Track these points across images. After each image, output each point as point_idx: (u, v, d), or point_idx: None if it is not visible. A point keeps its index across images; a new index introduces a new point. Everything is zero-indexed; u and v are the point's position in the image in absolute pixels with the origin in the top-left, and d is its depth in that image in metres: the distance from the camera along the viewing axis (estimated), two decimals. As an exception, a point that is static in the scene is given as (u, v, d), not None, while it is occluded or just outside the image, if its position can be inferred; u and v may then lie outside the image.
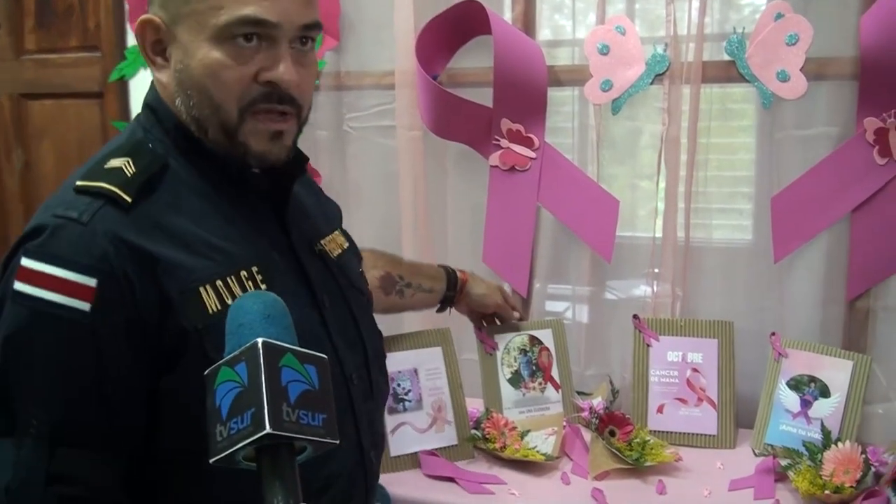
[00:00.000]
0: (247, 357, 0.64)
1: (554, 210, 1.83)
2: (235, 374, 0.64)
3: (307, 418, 0.63)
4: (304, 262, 0.97)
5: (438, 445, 1.57)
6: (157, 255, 0.83)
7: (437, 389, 1.61)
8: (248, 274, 0.87)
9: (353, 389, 0.98)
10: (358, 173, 1.95)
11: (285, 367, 0.64)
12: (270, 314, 0.68)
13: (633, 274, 1.84)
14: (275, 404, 0.62)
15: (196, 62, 0.87)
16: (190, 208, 0.88)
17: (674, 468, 1.53)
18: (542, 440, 1.62)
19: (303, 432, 0.63)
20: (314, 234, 1.02)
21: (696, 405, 1.67)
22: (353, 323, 1.02)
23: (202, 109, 0.89)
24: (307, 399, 0.64)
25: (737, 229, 1.81)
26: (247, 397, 0.63)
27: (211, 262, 0.86)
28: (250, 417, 0.62)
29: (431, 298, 1.57)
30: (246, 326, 0.67)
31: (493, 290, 1.66)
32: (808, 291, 1.71)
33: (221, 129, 0.89)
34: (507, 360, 1.72)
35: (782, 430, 1.60)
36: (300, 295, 0.93)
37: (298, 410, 0.63)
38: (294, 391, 0.64)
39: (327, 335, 0.96)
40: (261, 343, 0.64)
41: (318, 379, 0.66)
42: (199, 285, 0.84)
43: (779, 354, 1.63)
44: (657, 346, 1.70)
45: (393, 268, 1.49)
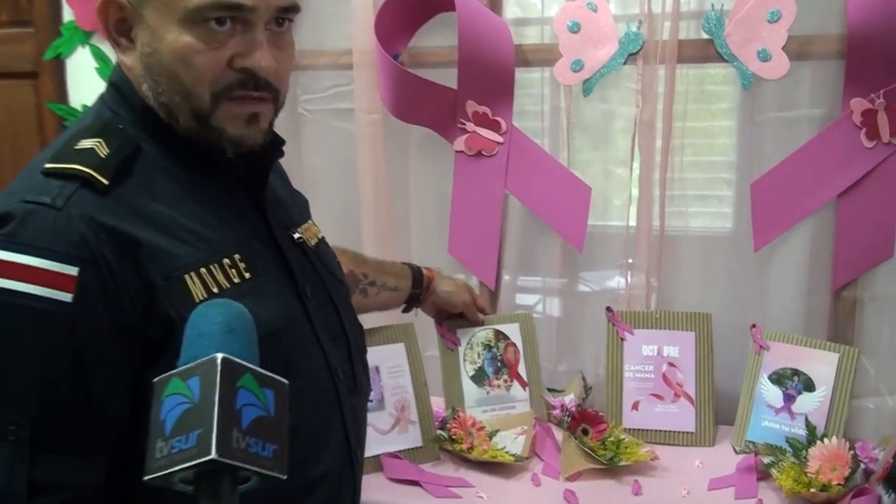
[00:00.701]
0: (202, 372, 0.63)
1: (523, 197, 1.82)
2: (187, 388, 0.63)
3: (257, 447, 0.62)
4: (285, 249, 0.96)
5: (402, 447, 1.57)
6: (138, 238, 0.82)
7: (400, 388, 1.61)
8: (230, 262, 0.87)
9: (339, 384, 0.98)
10: (313, 160, 1.93)
11: (242, 389, 0.63)
12: (235, 328, 0.67)
13: (606, 265, 1.84)
14: (225, 428, 0.61)
15: (165, 46, 0.86)
16: (166, 193, 0.88)
17: (650, 468, 1.54)
18: (512, 440, 1.62)
19: (250, 462, 0.62)
20: (290, 222, 1.02)
21: (672, 401, 1.67)
22: (336, 314, 1.02)
23: (172, 96, 0.88)
24: (260, 426, 0.63)
25: (716, 217, 1.81)
26: (195, 416, 0.61)
27: (193, 249, 0.85)
28: (196, 439, 0.60)
29: (397, 297, 1.57)
30: (206, 337, 0.66)
31: (460, 288, 1.66)
32: (790, 281, 1.71)
33: (193, 116, 0.88)
34: (470, 356, 1.72)
35: (764, 427, 1.60)
36: (283, 284, 0.93)
37: (249, 438, 0.62)
38: (248, 416, 0.63)
39: (311, 327, 0.96)
40: (220, 359, 0.63)
41: (274, 405, 0.65)
42: (184, 272, 0.84)
43: (760, 347, 1.64)
44: (632, 340, 1.70)
45: (356, 265, 1.48)
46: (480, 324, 1.72)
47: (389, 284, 1.54)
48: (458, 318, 1.71)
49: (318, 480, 0.96)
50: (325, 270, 1.05)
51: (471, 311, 1.69)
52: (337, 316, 1.03)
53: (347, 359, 1.03)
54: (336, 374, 0.99)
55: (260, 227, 0.95)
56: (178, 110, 0.88)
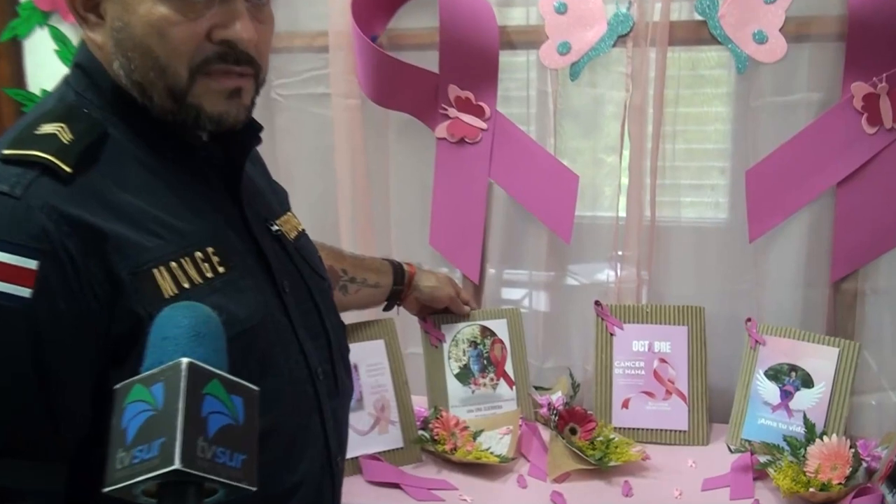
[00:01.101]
0: (167, 378, 0.62)
1: (507, 186, 1.81)
2: (150, 395, 0.62)
3: (224, 457, 0.62)
4: (261, 242, 0.95)
5: (382, 449, 1.57)
6: (103, 230, 0.80)
7: (380, 387, 1.60)
8: (203, 255, 0.86)
9: (319, 386, 0.97)
10: (287, 147, 1.91)
11: (209, 396, 0.63)
12: (202, 332, 0.66)
13: (595, 257, 1.83)
14: (190, 437, 0.60)
15: (138, 19, 0.84)
16: (135, 181, 0.86)
17: (641, 468, 1.54)
18: (496, 440, 1.61)
19: (217, 473, 0.61)
20: (268, 214, 1.01)
21: (664, 399, 1.67)
22: (316, 311, 1.01)
23: (146, 73, 0.85)
24: (228, 435, 0.63)
25: (709, 207, 1.80)
26: (159, 424, 0.61)
27: (163, 242, 0.84)
28: (159, 448, 0.60)
29: (378, 294, 1.56)
30: (171, 341, 0.65)
31: (443, 282, 1.65)
32: (788, 273, 1.71)
33: (169, 94, 0.86)
34: (455, 353, 1.72)
35: (760, 425, 1.60)
36: (259, 279, 0.92)
37: (216, 447, 0.61)
38: (214, 424, 0.62)
39: (289, 324, 0.94)
40: (185, 364, 0.62)
41: (243, 413, 0.65)
42: (152, 266, 0.82)
43: (755, 342, 1.63)
44: (621, 335, 1.70)
45: (335, 261, 1.46)
46: (466, 316, 1.71)
47: (370, 281, 1.53)
48: (442, 312, 1.70)
49: (295, 489, 0.95)
50: (305, 265, 1.04)
51: (456, 304, 1.68)
52: (317, 313, 1.02)
53: (328, 359, 1.02)
54: (316, 375, 0.98)
55: (235, 219, 0.94)
56: (153, 88, 0.86)
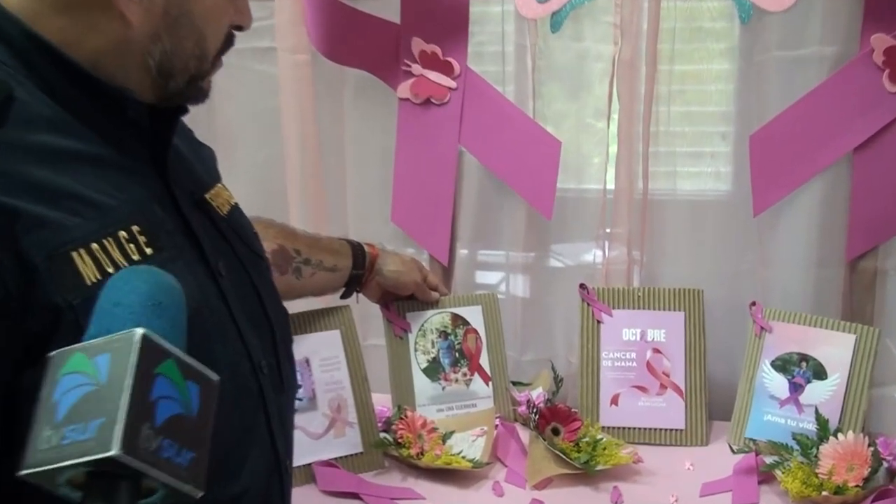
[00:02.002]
0: (115, 348, 0.61)
1: (480, 154, 1.80)
2: (92, 367, 0.60)
3: (171, 451, 0.60)
4: (190, 220, 0.94)
5: (338, 454, 1.56)
6: (13, 208, 0.76)
7: (336, 384, 1.60)
8: (128, 235, 0.83)
9: (263, 381, 0.96)
10: (227, 110, 1.87)
11: (161, 378, 0.61)
12: (162, 302, 0.65)
13: (580, 235, 1.83)
14: (134, 422, 0.58)
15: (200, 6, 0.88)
16: (47, 150, 0.83)
17: (632, 472, 1.54)
18: (469, 443, 1.60)
19: (160, 468, 0.59)
20: (197, 186, 1.00)
21: (658, 394, 1.67)
22: (256, 296, 1.01)
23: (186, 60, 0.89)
24: (178, 426, 0.61)
25: (709, 178, 1.79)
26: (99, 401, 0.59)
27: (81, 220, 0.81)
28: (96, 429, 0.58)
29: (335, 279, 1.57)
30: (125, 308, 0.64)
31: (409, 266, 1.67)
32: (797, 250, 1.71)
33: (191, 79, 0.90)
34: (423, 345, 1.71)
35: (767, 422, 1.61)
36: (192, 261, 0.91)
37: (162, 438, 0.60)
38: (164, 411, 0.61)
39: (228, 312, 0.93)
40: (140, 335, 0.61)
41: (198, 403, 0.63)
42: (71, 249, 0.79)
43: (761, 328, 1.63)
44: (610, 323, 1.70)
45: (286, 240, 1.47)
46: (434, 304, 1.72)
47: (326, 263, 1.53)
48: (407, 299, 1.71)
49: (240, 497, 0.93)
50: (240, 243, 1.02)
51: (422, 290, 1.70)
52: (257, 298, 1.01)
53: (272, 350, 1.01)
54: (259, 369, 0.96)
55: (161, 194, 0.92)
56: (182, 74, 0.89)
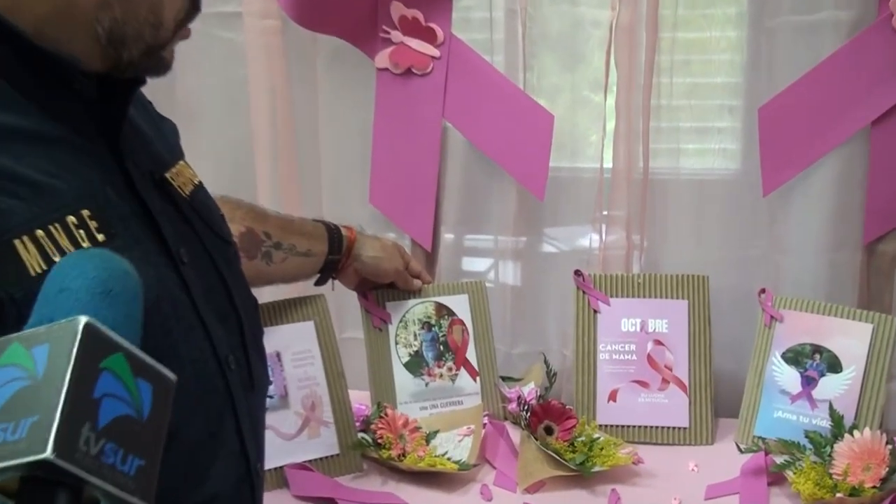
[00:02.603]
0: (55, 338, 0.59)
1: (466, 130, 1.80)
2: (29, 359, 0.58)
3: (115, 457, 0.58)
4: (149, 202, 0.92)
5: (313, 456, 1.56)
6: None
7: (310, 380, 1.58)
8: (77, 220, 0.82)
9: (231, 378, 0.95)
10: (189, 81, 1.86)
11: (107, 373, 0.59)
12: (113, 290, 0.63)
13: (575, 218, 1.83)
14: (72, 421, 0.56)
15: None
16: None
17: (632, 473, 1.54)
18: (455, 444, 1.60)
19: (101, 476, 0.57)
20: (156, 165, 0.98)
21: (660, 389, 1.67)
22: (222, 285, 1.00)
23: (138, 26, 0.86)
24: (124, 430, 0.59)
25: (716, 155, 1.79)
26: (33, 398, 0.57)
27: (24, 204, 0.80)
28: (28, 429, 0.56)
29: (309, 265, 1.57)
30: (71, 294, 0.62)
31: (390, 251, 1.66)
32: (810, 233, 1.70)
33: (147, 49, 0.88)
34: (405, 337, 1.70)
35: (777, 418, 1.61)
36: (149, 247, 0.89)
37: (105, 442, 0.57)
38: (108, 411, 0.58)
39: (191, 303, 0.92)
40: (83, 324, 0.58)
41: (149, 405, 0.61)
42: (13, 236, 0.78)
43: (771, 318, 1.63)
44: (608, 312, 1.69)
45: (255, 222, 1.46)
46: (417, 292, 1.71)
47: (300, 247, 1.53)
48: (386, 288, 1.71)
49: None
50: (205, 227, 1.01)
51: (404, 278, 1.69)
52: (223, 287, 0.99)
53: (240, 344, 0.99)
54: (226, 365, 0.95)
55: (114, 175, 0.90)
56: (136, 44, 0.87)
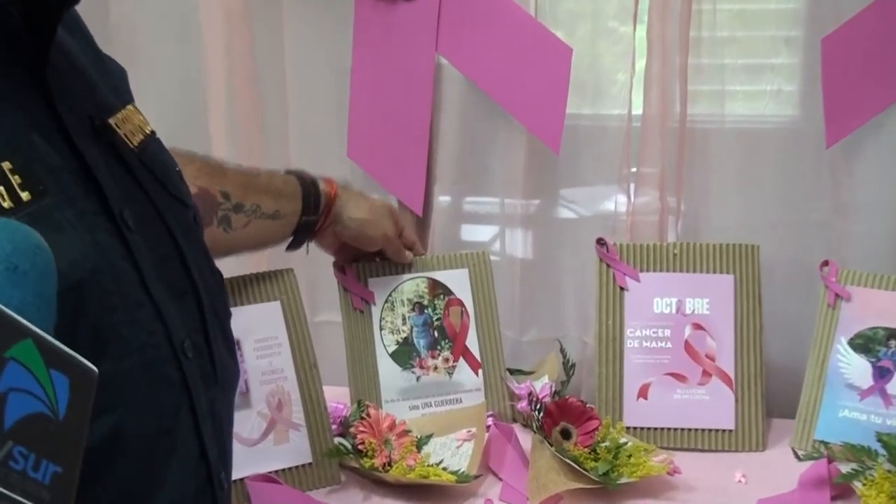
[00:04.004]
0: None
1: (464, 67, 1.79)
2: None
3: (26, 463, 0.58)
4: (86, 154, 0.90)
5: (280, 466, 1.54)
6: None
7: (276, 373, 1.57)
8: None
9: (187, 368, 0.94)
10: (127, 7, 1.85)
11: (13, 363, 0.59)
12: (19, 266, 0.64)
13: (598, 176, 1.83)
14: None
15: None
16: None
17: (666, 486, 1.52)
18: (452, 451, 1.59)
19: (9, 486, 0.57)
20: (97, 109, 0.97)
21: (700, 383, 1.66)
22: (178, 255, 0.99)
23: None
24: (37, 431, 0.59)
25: (769, 98, 1.77)
26: None
27: None
28: None
29: (278, 228, 1.54)
30: None
31: (379, 212, 1.64)
32: (884, 193, 1.70)
33: None
34: (391, 321, 1.70)
35: (843, 419, 1.60)
36: (87, 209, 0.88)
37: (12, 446, 0.58)
38: (16, 408, 0.58)
39: (138, 276, 0.90)
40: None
41: (66, 402, 0.61)
42: None
43: (836, 296, 1.63)
44: (637, 290, 1.68)
45: (212, 180, 1.44)
46: (407, 264, 1.70)
47: (265, 208, 1.50)
48: (371, 258, 1.69)
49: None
50: (157, 185, 0.99)
51: (394, 247, 1.66)
52: (179, 258, 0.98)
53: (199, 328, 0.98)
54: (182, 352, 0.93)
55: (44, 120, 0.88)
56: None
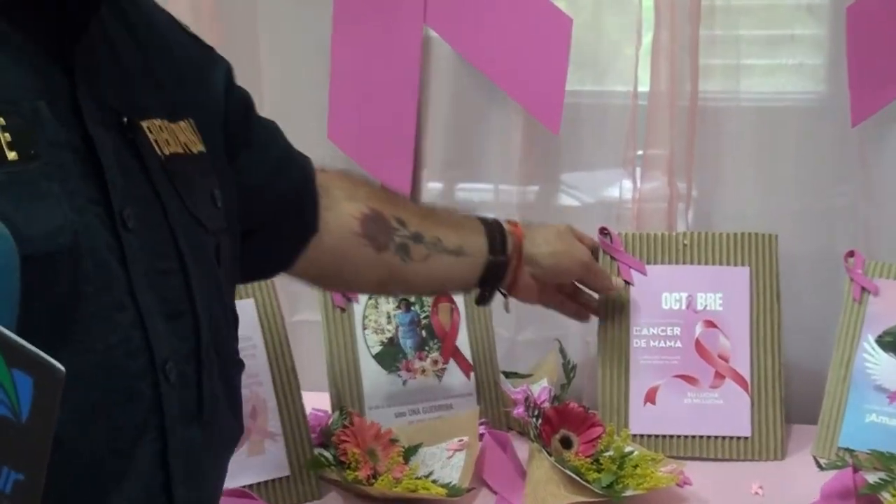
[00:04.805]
0: None
1: (455, 41, 1.80)
2: None
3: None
4: (97, 139, 0.92)
5: (255, 479, 1.53)
6: None
7: (250, 378, 1.53)
8: None
9: (165, 391, 0.92)
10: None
11: None
12: None
13: (601, 159, 1.84)
14: None
15: None
16: None
17: (675, 498, 1.53)
18: (443, 461, 1.58)
19: None
20: (129, 106, 0.99)
21: (712, 386, 1.65)
22: (182, 276, 0.98)
23: None
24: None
25: (790, 73, 1.78)
26: None
27: None
28: None
29: (463, 266, 1.48)
30: None
31: (566, 238, 1.58)
32: None
33: None
34: (375, 319, 1.71)
35: (870, 424, 1.60)
36: (81, 192, 0.89)
37: None
38: None
39: (125, 278, 0.90)
40: None
41: (29, 404, 0.62)
42: None
43: (862, 290, 1.62)
44: (644, 284, 1.68)
45: (386, 205, 1.41)
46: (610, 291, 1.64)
47: (448, 243, 1.45)
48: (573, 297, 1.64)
49: None
50: (176, 199, 1.00)
51: (594, 271, 1.61)
52: (183, 279, 0.97)
53: (192, 356, 0.97)
54: (163, 373, 0.92)
55: (61, 93, 0.91)
56: None
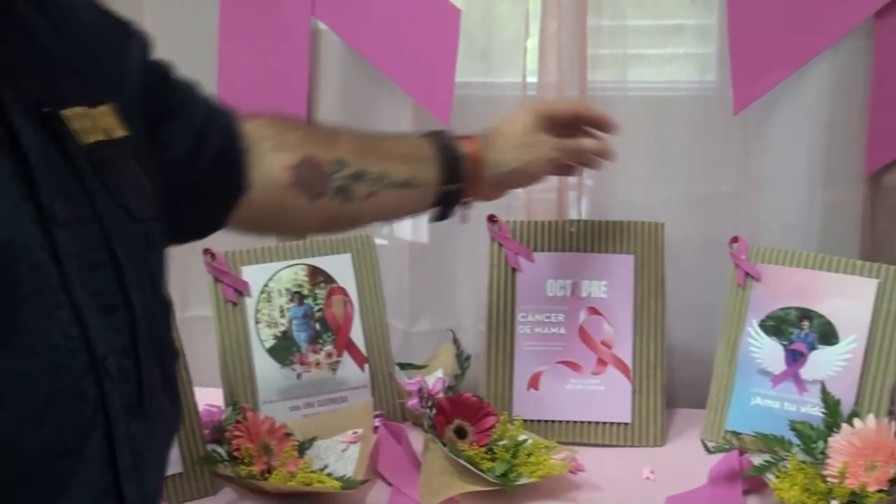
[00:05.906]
0: None
1: (344, 32, 1.82)
2: None
3: None
4: (21, 132, 0.92)
5: None
6: None
7: None
8: None
9: (107, 387, 0.93)
10: None
11: None
12: None
13: None
14: None
15: None
16: None
17: (569, 485, 1.54)
18: (337, 454, 1.62)
19: None
20: (49, 96, 0.98)
21: (594, 373, 1.68)
22: (114, 269, 0.98)
23: None
24: None
25: (680, 62, 1.82)
26: None
27: None
28: None
29: (413, 198, 1.48)
30: None
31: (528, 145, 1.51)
32: (798, 164, 1.74)
33: None
34: (268, 313, 1.72)
35: (755, 407, 1.63)
36: (9, 188, 0.89)
37: None
38: None
39: (60, 277, 0.90)
40: None
41: None
42: None
43: (746, 275, 1.66)
44: (530, 271, 1.70)
45: (321, 147, 1.40)
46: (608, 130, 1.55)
47: (396, 175, 1.44)
48: None
49: None
50: (102, 190, 0.99)
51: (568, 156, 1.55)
52: (115, 270, 0.97)
53: (129, 350, 0.97)
54: (103, 369, 0.92)
55: None
56: None
